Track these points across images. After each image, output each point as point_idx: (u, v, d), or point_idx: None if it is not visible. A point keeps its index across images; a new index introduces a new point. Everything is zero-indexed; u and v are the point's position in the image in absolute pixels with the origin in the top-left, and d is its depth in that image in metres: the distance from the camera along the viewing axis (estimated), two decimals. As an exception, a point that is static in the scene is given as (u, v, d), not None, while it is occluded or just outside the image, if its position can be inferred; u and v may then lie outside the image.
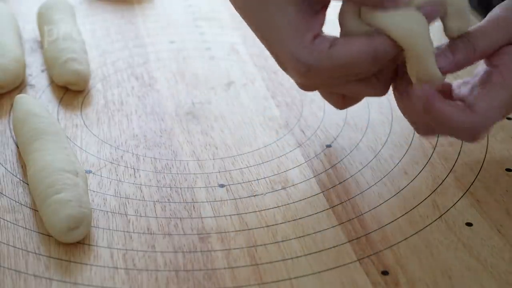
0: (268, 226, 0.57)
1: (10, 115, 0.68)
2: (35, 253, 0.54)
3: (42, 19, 0.81)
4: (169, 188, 0.60)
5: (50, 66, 0.75)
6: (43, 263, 0.53)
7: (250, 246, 0.55)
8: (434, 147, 0.65)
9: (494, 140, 0.66)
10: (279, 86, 0.74)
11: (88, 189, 0.59)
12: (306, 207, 0.59)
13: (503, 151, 0.65)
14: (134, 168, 0.63)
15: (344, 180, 0.62)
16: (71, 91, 0.73)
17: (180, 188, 0.60)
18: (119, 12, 0.89)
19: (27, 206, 0.58)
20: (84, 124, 0.68)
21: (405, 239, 0.55)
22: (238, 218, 0.58)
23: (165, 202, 0.59)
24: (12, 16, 0.82)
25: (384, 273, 0.53)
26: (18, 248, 0.54)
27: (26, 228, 0.56)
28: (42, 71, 0.76)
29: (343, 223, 0.57)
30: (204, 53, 0.81)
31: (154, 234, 0.56)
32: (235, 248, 0.55)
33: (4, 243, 0.54)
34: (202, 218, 0.57)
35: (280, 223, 0.57)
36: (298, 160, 0.64)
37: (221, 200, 0.59)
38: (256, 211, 0.58)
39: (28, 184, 0.59)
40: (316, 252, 0.54)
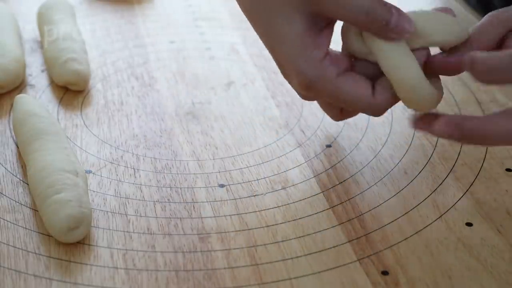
0: (268, 226, 0.57)
1: (10, 115, 0.68)
2: (35, 253, 0.54)
3: (42, 19, 0.81)
4: (169, 188, 0.60)
5: (50, 66, 0.75)
6: (43, 263, 0.53)
7: (250, 246, 0.55)
8: (434, 147, 0.65)
9: (494, 140, 0.66)
10: (279, 86, 0.74)
11: (88, 189, 0.59)
12: (306, 207, 0.59)
13: (503, 151, 0.64)
14: (134, 168, 0.63)
15: (344, 180, 0.62)
16: (71, 91, 0.73)
17: (180, 188, 0.60)
18: (119, 12, 0.89)
19: (27, 206, 0.58)
20: (84, 124, 0.68)
21: (405, 239, 0.55)
22: (238, 218, 0.57)
23: (165, 202, 0.59)
24: (12, 16, 0.82)
25: (384, 273, 0.53)
26: (18, 248, 0.54)
27: (26, 228, 0.56)
28: (42, 71, 0.76)
29: (343, 223, 0.57)
30: (204, 53, 0.81)
31: (154, 234, 0.56)
32: (235, 248, 0.55)
33: (4, 243, 0.54)
34: (202, 218, 0.57)
35: (280, 223, 0.57)
36: (298, 160, 0.64)
37: (221, 200, 0.59)
38: (256, 211, 0.58)
39: (28, 184, 0.59)
40: (316, 252, 0.54)
